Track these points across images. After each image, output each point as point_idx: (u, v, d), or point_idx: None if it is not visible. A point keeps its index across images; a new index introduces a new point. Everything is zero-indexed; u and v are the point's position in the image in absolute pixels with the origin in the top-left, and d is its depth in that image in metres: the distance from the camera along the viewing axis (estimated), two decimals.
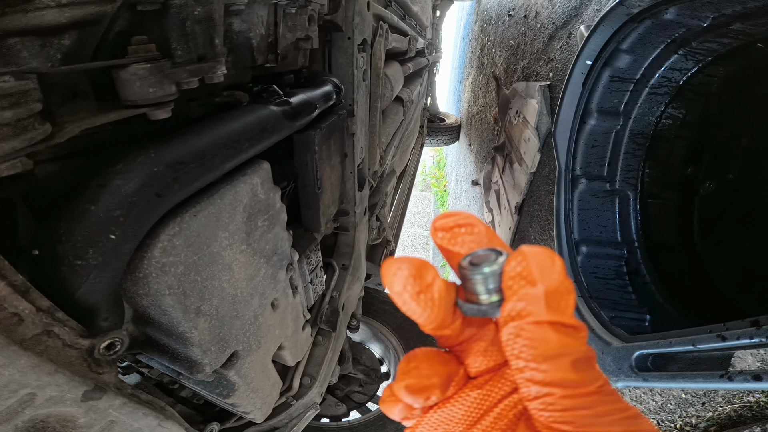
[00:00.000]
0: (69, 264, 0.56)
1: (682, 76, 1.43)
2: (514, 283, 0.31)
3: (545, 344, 0.29)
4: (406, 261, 0.34)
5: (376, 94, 1.90)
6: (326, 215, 1.39)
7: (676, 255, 1.42)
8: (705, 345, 0.83)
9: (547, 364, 0.29)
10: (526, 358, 0.30)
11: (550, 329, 0.30)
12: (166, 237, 0.66)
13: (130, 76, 0.60)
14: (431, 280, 0.34)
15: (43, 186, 0.61)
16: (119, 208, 0.58)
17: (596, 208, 1.52)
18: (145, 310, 0.71)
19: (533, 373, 0.30)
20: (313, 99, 1.14)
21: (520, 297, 0.30)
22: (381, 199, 2.44)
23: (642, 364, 1.04)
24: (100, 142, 0.69)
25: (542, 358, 0.29)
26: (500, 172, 4.03)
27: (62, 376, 0.55)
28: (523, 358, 0.30)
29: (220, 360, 0.87)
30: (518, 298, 0.31)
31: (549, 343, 0.29)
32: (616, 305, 1.33)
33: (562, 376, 0.29)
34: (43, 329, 0.53)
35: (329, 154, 1.30)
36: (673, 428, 1.39)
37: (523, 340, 0.30)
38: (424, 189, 12.76)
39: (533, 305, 0.30)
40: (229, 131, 0.81)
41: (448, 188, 10.80)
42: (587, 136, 1.55)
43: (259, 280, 0.97)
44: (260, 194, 0.92)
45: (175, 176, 0.66)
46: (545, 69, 3.16)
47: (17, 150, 0.49)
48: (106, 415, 0.64)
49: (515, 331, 0.31)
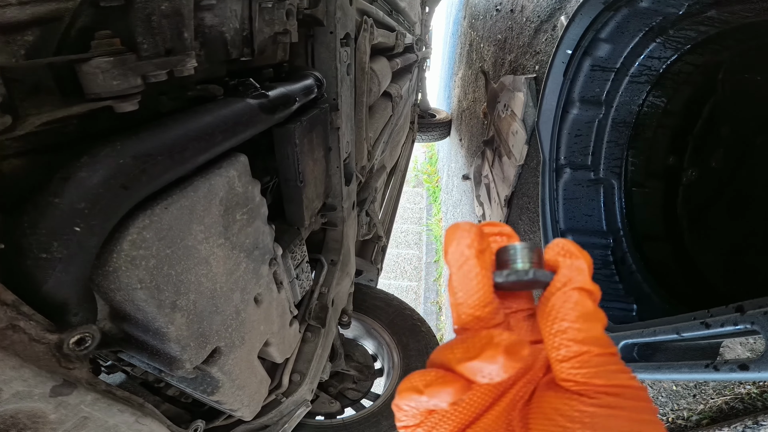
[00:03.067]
0: (34, 258, 0.55)
1: (662, 65, 1.43)
2: (561, 257, 0.36)
3: (587, 308, 0.34)
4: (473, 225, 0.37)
5: (362, 89, 1.89)
6: (310, 209, 1.39)
7: (661, 244, 1.42)
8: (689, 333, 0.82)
9: (588, 324, 0.33)
10: (572, 319, 0.34)
11: (589, 297, 0.34)
12: (135, 230, 0.65)
13: (93, 69, 0.60)
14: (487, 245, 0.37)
15: (9, 181, 0.59)
16: (83, 201, 0.57)
17: (581, 198, 1.51)
18: (120, 305, 0.70)
19: (576, 333, 0.33)
20: (292, 92, 1.13)
21: (569, 267, 0.35)
22: (371, 195, 2.43)
23: (628, 355, 1.03)
24: (66, 136, 0.68)
25: (584, 320, 0.34)
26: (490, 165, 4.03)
27: (28, 370, 0.54)
28: (568, 319, 0.34)
29: (200, 356, 0.86)
30: (567, 268, 0.35)
31: (589, 308, 0.34)
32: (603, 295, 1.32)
33: (599, 336, 0.33)
34: (8, 323, 0.52)
35: (311, 148, 1.29)
36: (665, 421, 1.38)
37: (570, 304, 0.34)
38: (417, 185, 12.76)
39: (580, 275, 0.35)
40: (202, 124, 0.80)
41: (440, 184, 10.81)
42: (570, 126, 1.55)
43: (240, 275, 0.96)
44: (237, 187, 0.91)
45: (143, 168, 0.65)
46: (531, 62, 3.17)
47: None
48: (77, 411, 0.63)
49: (564, 297, 0.34)
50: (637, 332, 0.95)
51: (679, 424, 1.33)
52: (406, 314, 3.08)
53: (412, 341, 2.92)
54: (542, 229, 1.54)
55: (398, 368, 2.82)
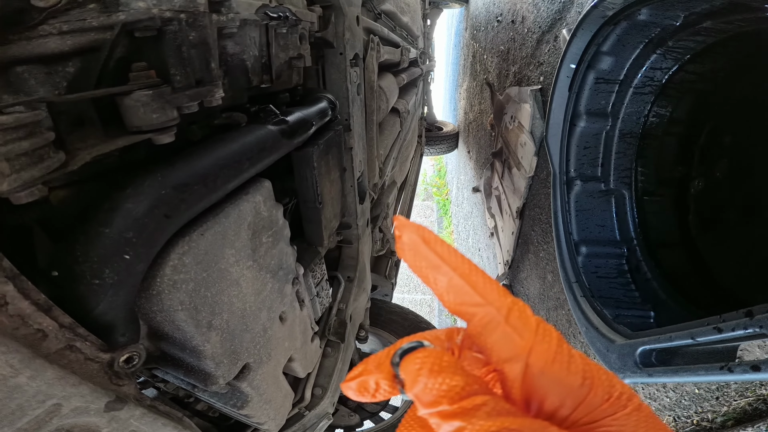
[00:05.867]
0: (87, 283, 0.59)
1: (664, 75, 1.46)
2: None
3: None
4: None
5: (372, 107, 1.93)
6: (328, 229, 1.42)
7: (675, 251, 1.43)
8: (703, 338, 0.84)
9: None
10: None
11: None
12: (176, 255, 0.70)
13: (134, 103, 0.63)
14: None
15: (56, 211, 0.64)
16: (131, 230, 0.61)
17: (593, 209, 1.54)
18: (159, 325, 0.74)
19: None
20: (309, 116, 1.17)
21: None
22: (383, 211, 2.46)
23: (646, 360, 1.04)
24: (107, 166, 0.72)
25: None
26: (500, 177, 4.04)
27: (86, 387, 0.58)
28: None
29: (232, 372, 0.90)
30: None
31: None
32: (620, 303, 1.34)
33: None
34: (66, 344, 0.57)
35: (328, 169, 1.33)
36: (689, 424, 1.39)
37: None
38: (426, 198, 12.77)
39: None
40: (230, 152, 0.84)
41: (450, 196, 10.81)
42: (578, 138, 1.58)
43: (267, 294, 1.00)
44: (263, 211, 0.95)
45: (182, 197, 0.69)
46: (536, 73, 3.19)
47: (36, 178, 0.52)
48: (127, 425, 0.67)
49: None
50: (654, 338, 0.98)
51: (703, 426, 1.34)
52: (422, 327, 3.09)
53: None
54: (555, 240, 1.57)
55: None
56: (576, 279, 1.40)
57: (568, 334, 2.30)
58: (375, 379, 0.38)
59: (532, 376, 0.32)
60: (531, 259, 3.08)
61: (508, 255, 3.60)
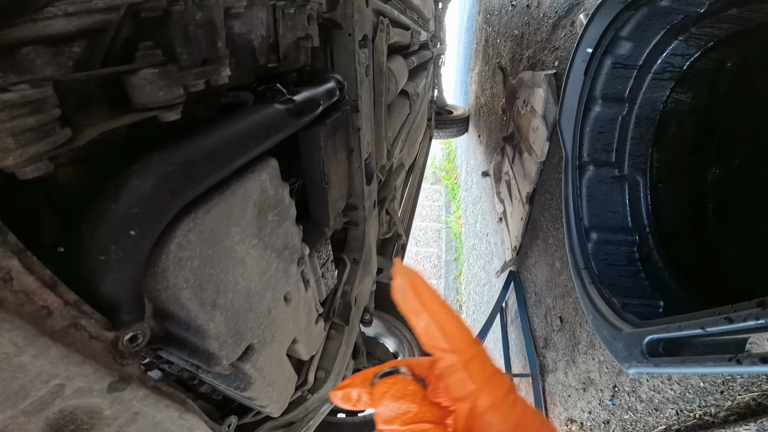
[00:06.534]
0: (93, 259, 0.59)
1: (685, 61, 1.42)
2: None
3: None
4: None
5: (380, 89, 1.91)
6: (335, 209, 1.41)
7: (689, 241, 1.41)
8: (713, 328, 0.82)
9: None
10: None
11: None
12: (181, 233, 0.69)
13: (140, 81, 0.63)
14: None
15: (63, 188, 0.64)
16: (137, 206, 0.61)
17: (605, 195, 1.51)
18: (164, 304, 0.73)
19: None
20: (316, 96, 1.16)
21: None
22: (390, 193, 2.45)
23: (653, 350, 1.03)
24: (114, 144, 0.72)
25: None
26: (510, 162, 4.01)
27: (89, 366, 0.57)
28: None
29: (236, 352, 0.89)
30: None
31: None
32: (629, 292, 1.32)
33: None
34: (71, 321, 0.56)
35: (335, 150, 1.32)
36: (692, 418, 1.38)
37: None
38: (435, 182, 12.72)
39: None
40: (236, 130, 0.84)
41: (459, 180, 10.75)
42: (593, 123, 1.54)
43: (272, 274, 1.00)
44: (269, 190, 0.95)
45: (187, 175, 0.69)
46: (550, 58, 3.14)
47: (41, 153, 0.52)
48: (130, 406, 0.67)
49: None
50: (663, 328, 0.96)
51: (706, 420, 1.33)
52: None
53: None
54: (566, 226, 1.54)
55: None
56: (585, 265, 1.38)
57: (574, 323, 2.30)
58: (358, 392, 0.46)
59: (475, 415, 0.39)
60: (539, 245, 3.06)
61: (516, 241, 3.59)
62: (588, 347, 2.08)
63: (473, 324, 6.34)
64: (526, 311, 3.22)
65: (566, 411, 2.33)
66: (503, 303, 3.76)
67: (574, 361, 2.26)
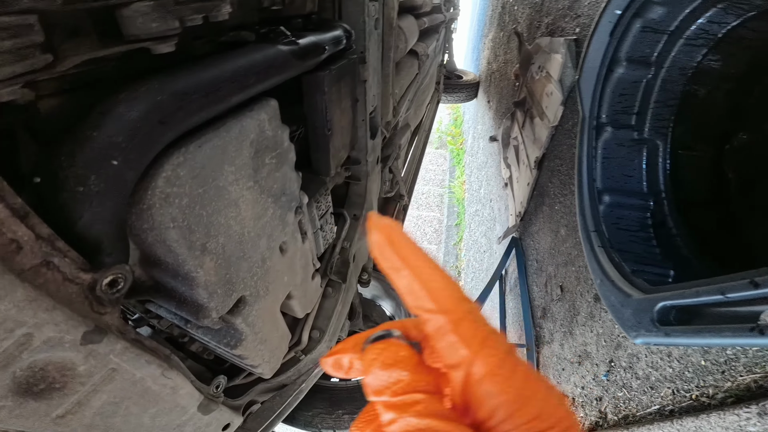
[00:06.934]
0: (70, 190, 0.54)
1: (722, 29, 1.33)
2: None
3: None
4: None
5: (389, 44, 1.83)
6: (336, 159, 1.37)
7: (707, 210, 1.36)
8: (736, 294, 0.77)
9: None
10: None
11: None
12: (170, 167, 0.64)
13: (133, 13, 0.60)
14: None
15: (46, 119, 0.59)
16: (121, 134, 0.56)
17: (622, 157, 1.45)
18: (151, 248, 0.69)
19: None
20: (321, 41, 1.12)
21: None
22: (394, 151, 2.39)
23: (664, 319, 0.97)
24: (103, 75, 0.67)
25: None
26: (520, 127, 3.93)
27: (61, 313, 0.52)
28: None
29: (227, 304, 0.85)
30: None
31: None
32: (639, 258, 1.27)
33: None
34: (43, 259, 0.51)
35: (339, 97, 1.27)
36: (687, 398, 1.35)
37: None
38: (440, 146, 12.56)
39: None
40: (236, 66, 0.80)
41: (465, 146, 10.63)
42: (615, 85, 1.47)
43: (267, 221, 0.95)
44: (268, 130, 0.89)
45: (180, 105, 0.65)
46: (571, 25, 3.04)
47: (17, 75, 0.48)
48: (106, 361, 0.62)
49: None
50: (678, 293, 0.90)
51: (702, 401, 1.30)
52: None
53: None
54: (577, 187, 1.49)
55: None
56: (595, 228, 1.32)
57: (575, 292, 2.27)
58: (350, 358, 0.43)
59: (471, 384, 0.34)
60: (545, 211, 3.02)
61: (521, 206, 3.54)
62: (587, 318, 2.06)
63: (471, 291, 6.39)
64: (527, 279, 3.21)
65: (559, 385, 2.33)
66: (503, 270, 3.75)
67: (572, 333, 2.24)
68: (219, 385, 1.04)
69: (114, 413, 0.69)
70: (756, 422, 1.08)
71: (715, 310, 0.86)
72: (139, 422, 0.76)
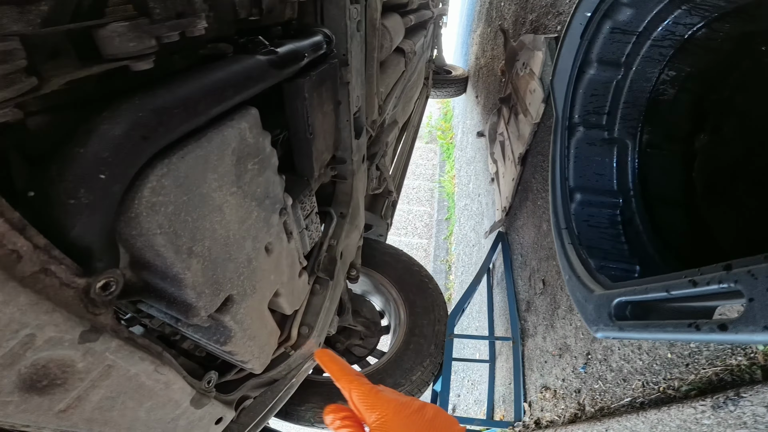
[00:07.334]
0: (62, 203, 0.58)
1: (687, 30, 1.37)
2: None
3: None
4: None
5: (373, 45, 1.87)
6: (320, 161, 1.41)
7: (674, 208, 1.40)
8: (678, 291, 0.81)
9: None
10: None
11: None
12: (155, 177, 0.68)
13: (110, 34, 0.63)
14: None
15: (34, 137, 0.63)
16: (107, 150, 0.61)
17: (593, 156, 1.49)
18: (140, 252, 0.73)
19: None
20: (301, 48, 1.15)
21: None
22: (381, 149, 2.43)
23: (620, 313, 1.02)
24: (86, 94, 0.71)
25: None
26: (506, 123, 3.97)
27: (60, 315, 0.58)
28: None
29: (215, 303, 0.90)
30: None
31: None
32: (607, 255, 1.32)
33: None
34: (41, 267, 0.56)
35: (321, 102, 1.30)
36: (656, 391, 1.38)
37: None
38: (430, 141, 12.58)
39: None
40: (214, 79, 0.84)
41: (455, 140, 10.65)
42: (586, 86, 1.51)
43: (252, 223, 1.00)
44: (249, 138, 0.93)
45: (160, 120, 0.69)
46: (553, 22, 3.07)
47: (7, 99, 0.52)
48: (103, 359, 0.68)
49: None
50: (630, 290, 0.96)
51: (669, 394, 1.33)
52: (414, 270, 3.09)
53: (419, 298, 2.94)
54: (551, 185, 1.54)
55: (405, 325, 2.84)
56: (566, 225, 1.37)
57: (555, 286, 2.33)
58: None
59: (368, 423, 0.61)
60: (529, 207, 3.06)
61: (506, 201, 3.59)
62: (567, 312, 2.11)
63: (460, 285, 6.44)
64: (512, 273, 3.26)
65: (542, 377, 2.36)
66: (490, 264, 3.80)
67: (553, 326, 2.29)
68: (210, 380, 1.10)
69: (111, 407, 0.74)
70: (710, 415, 1.13)
71: (669, 306, 0.91)
72: (135, 416, 0.81)
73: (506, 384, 2.83)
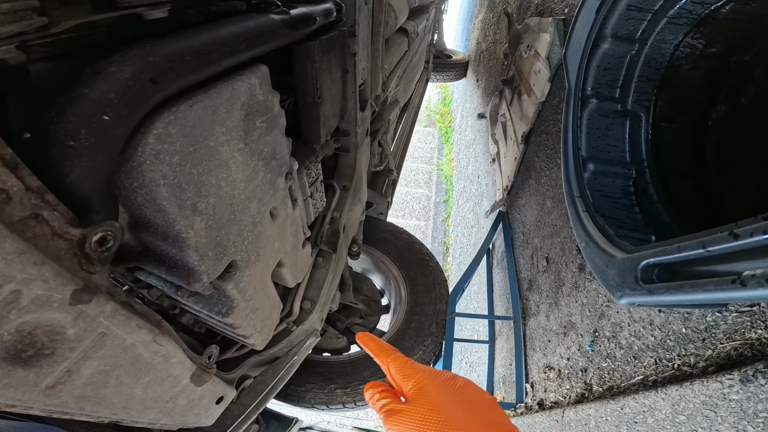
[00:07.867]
0: (61, 145, 0.53)
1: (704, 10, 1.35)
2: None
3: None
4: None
5: (379, 20, 1.83)
6: (326, 127, 1.37)
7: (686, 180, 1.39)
8: (717, 246, 0.77)
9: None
10: None
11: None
12: (161, 124, 0.64)
13: None
14: None
15: (37, 82, 0.58)
16: (113, 91, 0.57)
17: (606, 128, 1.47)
18: (141, 209, 0.68)
19: None
20: (312, 12, 1.13)
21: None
22: (383, 126, 2.39)
23: (648, 277, 0.98)
24: (95, 41, 0.66)
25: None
26: (508, 104, 3.95)
27: (50, 268, 0.51)
28: None
29: (217, 268, 0.85)
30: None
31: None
32: (621, 224, 1.30)
33: None
34: (32, 212, 0.50)
35: (329, 67, 1.27)
36: (669, 368, 1.35)
37: None
38: (429, 125, 12.50)
39: None
40: (227, 33, 0.81)
41: (454, 124, 10.60)
42: (600, 59, 1.49)
43: (258, 184, 0.96)
44: (258, 94, 0.89)
45: (171, 66, 0.65)
46: (560, 6, 3.04)
47: (13, 33, 0.50)
48: (96, 324, 0.60)
49: None
50: (660, 250, 0.92)
51: (684, 371, 1.30)
52: (414, 248, 3.07)
53: (420, 276, 2.91)
54: (563, 155, 1.51)
55: (405, 303, 2.82)
56: (580, 194, 1.36)
57: (560, 263, 2.31)
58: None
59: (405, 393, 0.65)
60: (531, 185, 3.04)
61: (508, 180, 3.58)
62: (572, 289, 2.09)
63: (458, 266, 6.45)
64: (513, 252, 3.24)
65: (545, 357, 2.34)
66: (490, 244, 3.79)
67: (557, 304, 2.27)
68: (211, 355, 1.03)
69: (105, 383, 0.67)
70: (739, 389, 1.08)
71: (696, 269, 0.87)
72: (131, 393, 0.74)
73: (506, 365, 2.83)
